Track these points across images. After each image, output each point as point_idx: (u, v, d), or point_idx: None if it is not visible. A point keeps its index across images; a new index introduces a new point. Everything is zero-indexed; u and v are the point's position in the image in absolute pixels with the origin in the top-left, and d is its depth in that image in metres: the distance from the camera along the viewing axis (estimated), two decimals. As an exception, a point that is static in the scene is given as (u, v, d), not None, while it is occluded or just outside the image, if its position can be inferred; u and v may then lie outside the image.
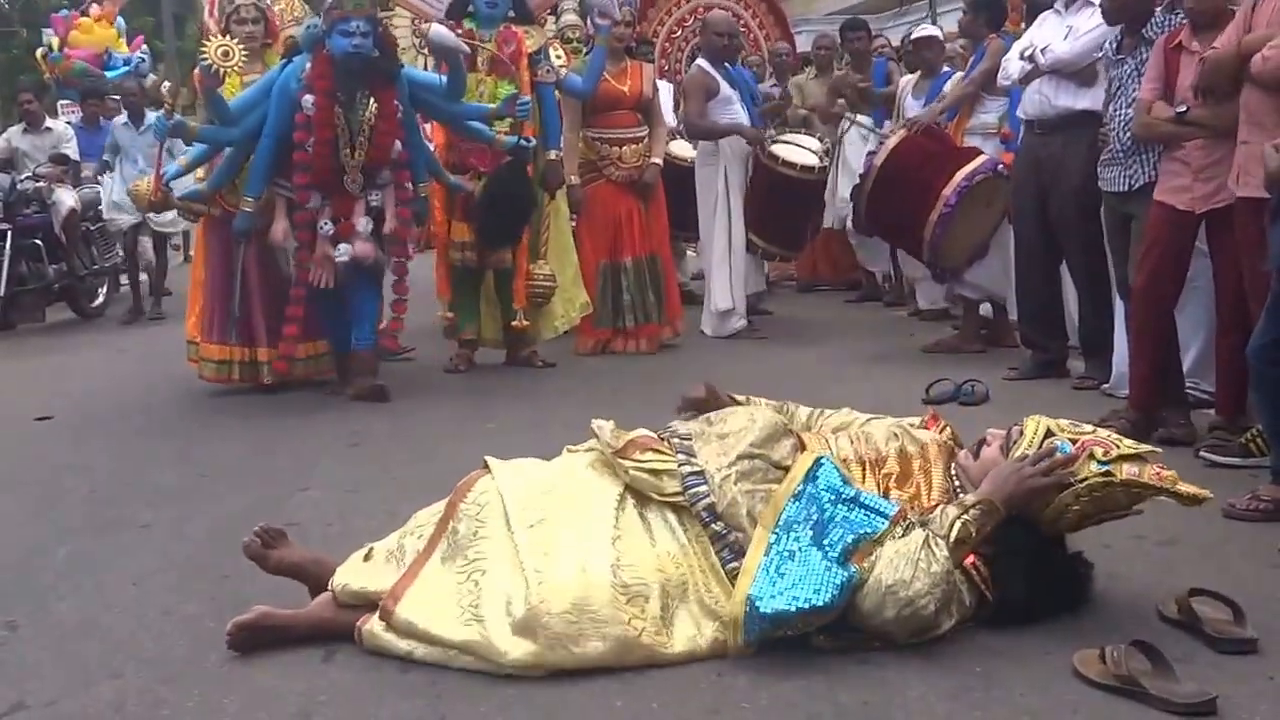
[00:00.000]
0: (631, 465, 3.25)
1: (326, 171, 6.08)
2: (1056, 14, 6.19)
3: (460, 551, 3.12)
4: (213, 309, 6.78)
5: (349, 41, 5.86)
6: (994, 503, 3.07)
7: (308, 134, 6.02)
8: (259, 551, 3.37)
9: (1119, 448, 3.17)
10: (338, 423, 5.95)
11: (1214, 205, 4.84)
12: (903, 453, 3.38)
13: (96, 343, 9.12)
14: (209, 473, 5.11)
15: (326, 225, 6.16)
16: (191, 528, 4.33)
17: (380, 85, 6.07)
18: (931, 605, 2.97)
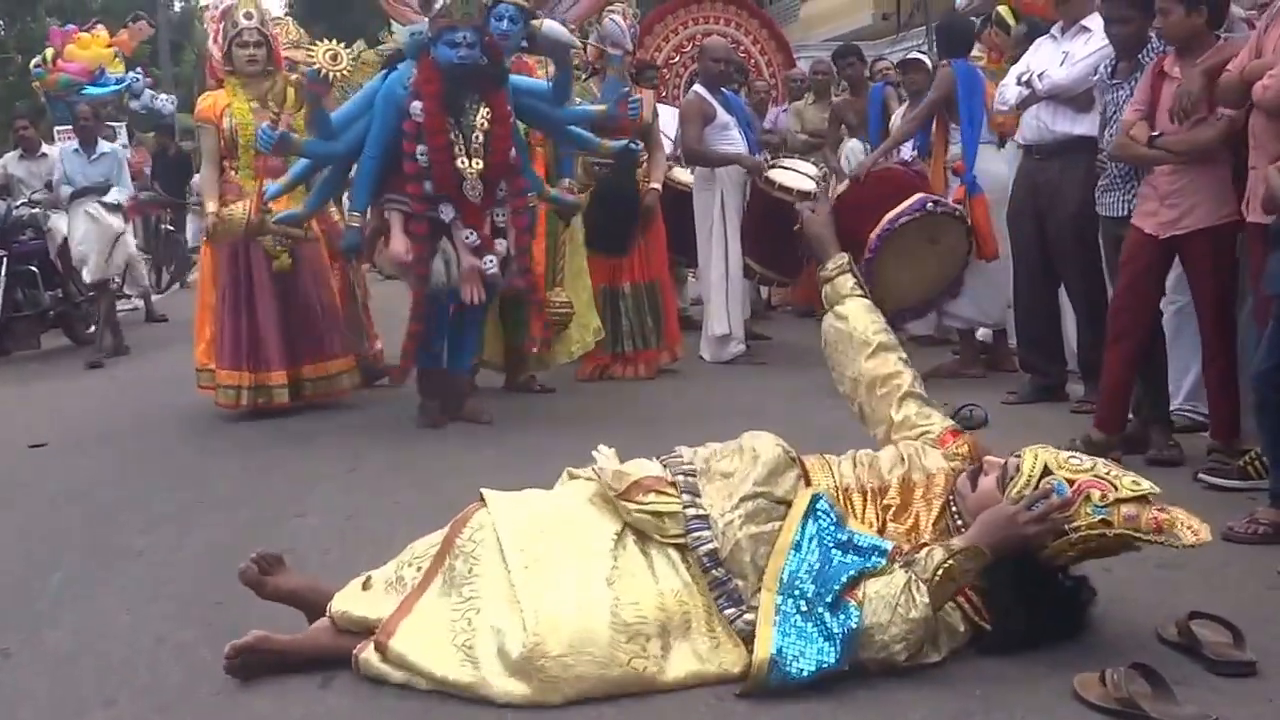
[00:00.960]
0: (635, 508, 3.23)
1: (447, 179, 5.74)
2: (1052, 39, 6.22)
3: (455, 588, 3.11)
4: (223, 332, 6.79)
5: (456, 53, 5.61)
6: (980, 549, 3.04)
7: (417, 142, 5.71)
8: (255, 578, 3.36)
9: (1118, 489, 3.08)
10: (335, 448, 5.96)
11: (1177, 232, 4.91)
12: (906, 482, 3.37)
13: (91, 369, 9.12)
14: (204, 499, 5.11)
15: (471, 235, 5.82)
16: (186, 554, 4.33)
17: (491, 89, 5.80)
18: (905, 651, 2.98)
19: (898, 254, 6.67)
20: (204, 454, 6.05)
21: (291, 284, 6.85)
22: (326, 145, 5.88)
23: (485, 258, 5.86)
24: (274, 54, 6.84)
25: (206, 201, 6.98)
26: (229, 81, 6.81)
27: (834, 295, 3.84)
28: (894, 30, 18.15)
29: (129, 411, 7.28)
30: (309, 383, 6.85)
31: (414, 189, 5.77)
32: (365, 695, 3.02)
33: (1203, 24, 4.84)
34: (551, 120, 6.30)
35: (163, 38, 29.29)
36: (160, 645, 3.43)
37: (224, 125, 6.74)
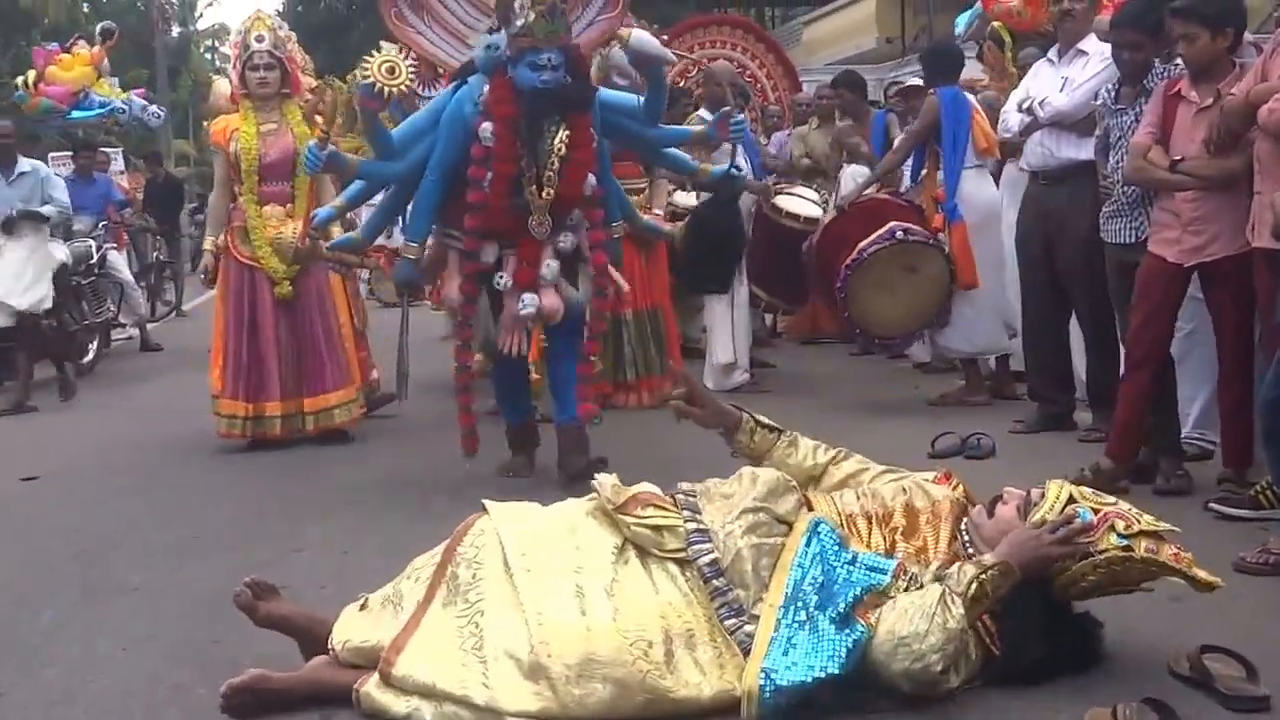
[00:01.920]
0: (633, 521, 3.27)
1: (504, 213, 5.28)
2: (1050, 64, 6.26)
3: (460, 595, 3.13)
4: (227, 363, 6.81)
5: (538, 76, 5.09)
6: (1011, 565, 3.11)
7: (483, 169, 5.23)
8: (249, 602, 3.37)
9: (1140, 523, 3.23)
10: (332, 481, 5.95)
11: (1203, 259, 4.91)
12: (909, 508, 3.41)
13: (85, 400, 9.12)
14: (200, 534, 5.10)
15: (503, 279, 5.34)
16: (181, 591, 4.33)
17: (574, 110, 5.28)
18: (941, 662, 2.99)
19: (875, 284, 6.75)
20: (199, 487, 6.04)
21: (295, 313, 6.86)
22: (384, 166, 5.44)
23: (520, 299, 5.35)
24: (290, 77, 6.84)
25: (209, 233, 7.02)
26: (242, 105, 6.82)
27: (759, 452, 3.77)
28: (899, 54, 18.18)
29: (123, 443, 7.26)
30: (309, 416, 6.85)
31: (474, 222, 5.30)
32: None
33: (1225, 49, 4.87)
34: (642, 141, 5.81)
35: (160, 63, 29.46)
36: (156, 684, 3.43)
37: (230, 149, 6.76)
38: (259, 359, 6.78)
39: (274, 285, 6.78)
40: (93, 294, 10.82)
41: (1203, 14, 4.81)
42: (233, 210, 6.87)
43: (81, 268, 10.59)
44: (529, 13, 5.11)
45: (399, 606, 3.23)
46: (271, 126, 6.77)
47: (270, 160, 6.72)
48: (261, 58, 6.73)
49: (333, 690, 3.15)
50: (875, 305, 6.79)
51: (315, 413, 6.86)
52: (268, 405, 6.77)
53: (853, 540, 3.30)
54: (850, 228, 6.91)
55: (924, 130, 7.16)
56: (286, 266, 6.67)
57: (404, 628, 3.13)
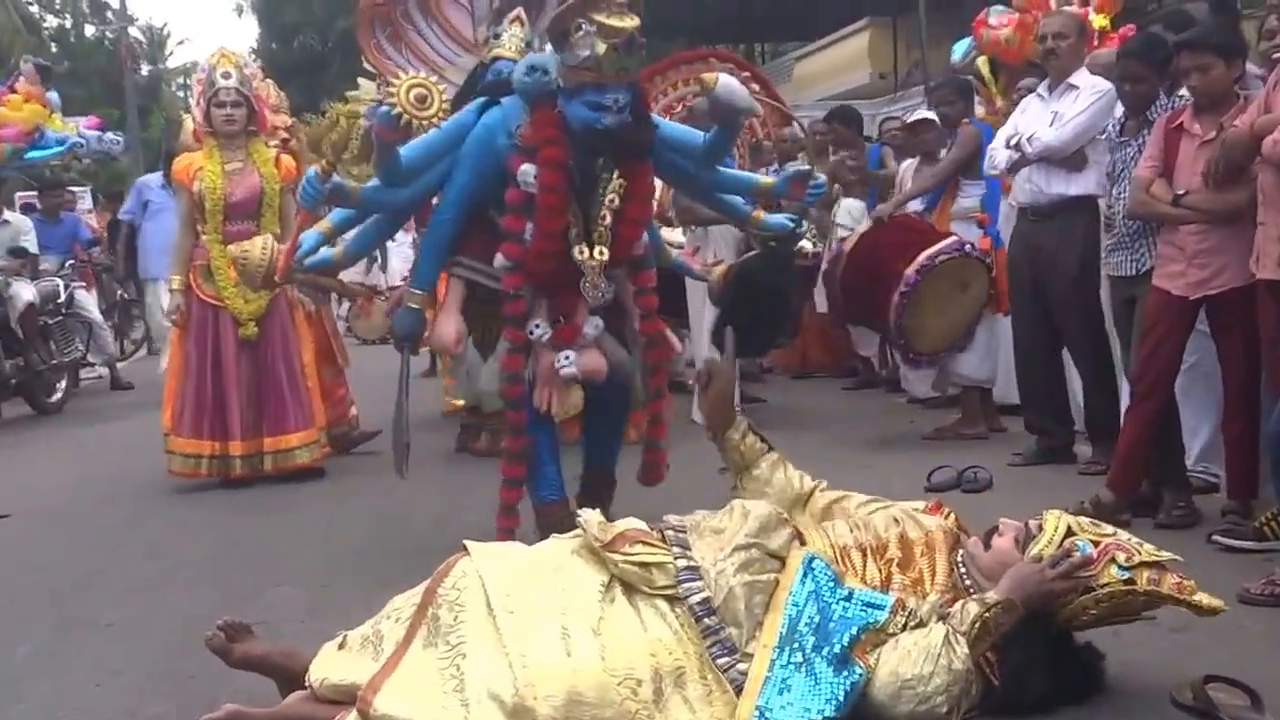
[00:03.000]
0: (621, 558, 3.26)
1: (549, 275, 4.63)
2: (1040, 99, 6.32)
3: (441, 637, 3.13)
4: (185, 399, 6.84)
5: (599, 117, 4.36)
6: (1015, 602, 3.14)
7: (523, 219, 4.56)
8: (222, 645, 3.38)
9: (1140, 553, 3.27)
10: (311, 516, 5.98)
11: (1208, 292, 4.97)
12: (904, 539, 3.43)
13: (55, 438, 9.13)
14: (175, 570, 5.11)
15: (540, 327, 4.67)
16: (156, 626, 4.33)
17: (632, 156, 4.62)
18: (947, 704, 3.02)
19: (934, 296, 6.76)
20: (174, 525, 6.05)
21: (258, 352, 6.88)
22: (386, 193, 4.72)
23: (560, 355, 4.69)
24: (257, 115, 6.88)
25: (174, 272, 7.02)
26: (206, 143, 6.86)
27: (746, 459, 3.83)
28: (891, 90, 18.33)
29: (95, 481, 7.28)
30: (268, 456, 6.86)
31: (514, 279, 4.62)
32: (347, 766, 3.02)
33: (1234, 80, 4.96)
34: (697, 182, 5.14)
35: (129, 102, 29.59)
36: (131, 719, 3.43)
37: (194, 188, 6.79)
38: (222, 398, 6.81)
39: (238, 325, 6.81)
40: (60, 333, 10.88)
41: (1216, 43, 4.92)
42: (196, 249, 6.90)
43: (49, 307, 10.69)
44: (596, 42, 4.33)
45: (379, 648, 3.22)
46: (237, 165, 6.79)
47: (236, 199, 6.74)
48: (228, 94, 6.76)
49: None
50: (924, 318, 6.85)
51: (275, 453, 6.87)
52: (231, 445, 6.80)
53: (848, 574, 3.31)
54: (886, 238, 7.00)
55: (968, 158, 7.24)
56: (253, 290, 6.47)
57: (383, 667, 3.12)
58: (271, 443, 6.84)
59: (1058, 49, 6.08)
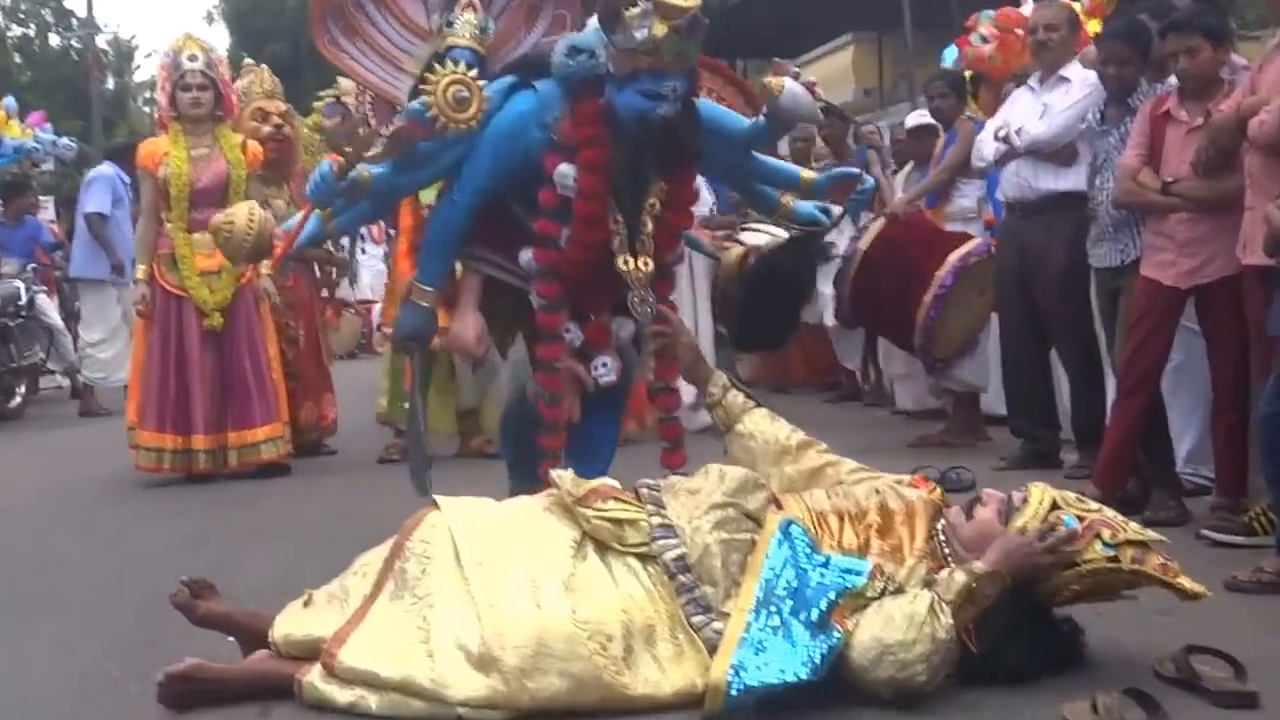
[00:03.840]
0: (593, 514, 3.31)
1: (585, 286, 4.30)
2: (1030, 91, 6.38)
3: (409, 589, 3.17)
4: (149, 392, 6.85)
5: (655, 106, 4.01)
6: (1002, 574, 3.18)
7: (559, 225, 4.20)
8: (186, 601, 3.41)
9: (1126, 531, 3.31)
10: (276, 511, 5.98)
11: (1199, 281, 5.01)
12: (884, 507, 3.47)
13: (13, 442, 9.11)
14: (137, 559, 5.11)
15: (571, 331, 4.32)
16: (118, 606, 4.34)
17: (679, 163, 4.32)
18: (927, 673, 3.04)
19: (960, 297, 6.83)
20: (136, 518, 6.06)
21: (223, 345, 6.90)
22: (398, 178, 4.33)
23: (597, 361, 4.36)
24: (224, 100, 6.92)
25: (139, 261, 7.05)
26: (172, 128, 6.89)
27: (730, 415, 3.86)
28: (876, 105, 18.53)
29: (57, 482, 7.25)
30: (233, 451, 6.88)
31: (549, 289, 4.26)
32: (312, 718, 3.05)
33: (1222, 62, 5.02)
34: (736, 170, 4.85)
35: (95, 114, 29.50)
36: (87, 681, 3.46)
37: (159, 174, 6.81)
38: (185, 391, 6.81)
39: (202, 316, 6.82)
40: (21, 336, 10.89)
41: (1204, 26, 4.97)
42: (160, 238, 6.91)
43: (9, 309, 10.71)
44: (655, 23, 3.98)
45: (344, 603, 3.26)
46: (203, 151, 6.82)
47: (201, 186, 6.76)
48: (194, 77, 6.80)
49: (273, 681, 3.18)
50: (947, 321, 6.90)
51: (240, 448, 6.88)
52: (194, 439, 6.80)
53: (825, 538, 3.35)
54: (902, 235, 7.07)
55: (967, 154, 7.30)
56: (236, 265, 6.39)
57: (348, 621, 3.16)
58: (236, 437, 6.85)
59: (1049, 41, 6.15)
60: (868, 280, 7.16)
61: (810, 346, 10.04)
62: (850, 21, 20.24)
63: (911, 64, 16.76)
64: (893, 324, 7.37)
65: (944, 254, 6.88)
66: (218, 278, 6.82)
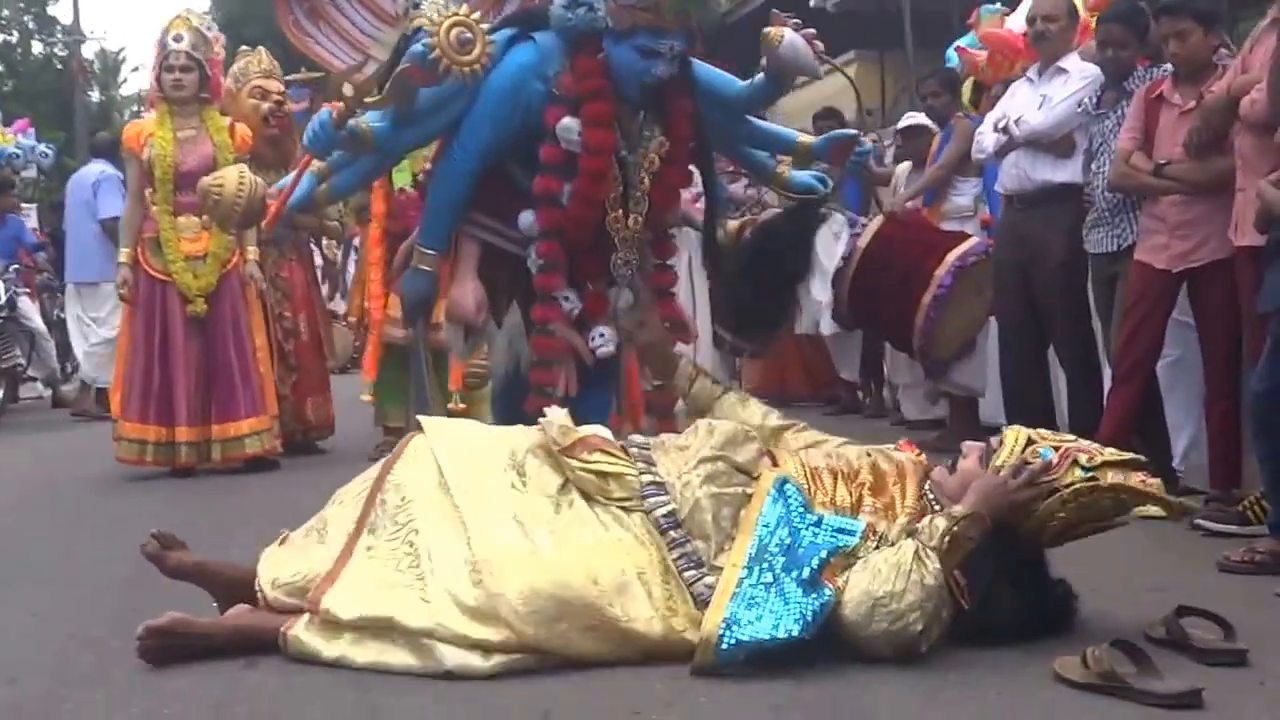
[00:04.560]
0: (578, 465, 3.37)
1: (585, 241, 4.30)
2: (1029, 83, 6.43)
3: (389, 518, 3.24)
4: (132, 382, 6.86)
5: (653, 65, 4.08)
6: (982, 514, 3.24)
7: (560, 181, 4.19)
8: (157, 552, 3.48)
9: (1103, 454, 3.39)
10: (262, 501, 6.00)
11: (1190, 265, 5.09)
12: (875, 467, 3.55)
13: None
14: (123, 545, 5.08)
15: (570, 299, 4.31)
16: (100, 575, 4.40)
17: (678, 116, 4.32)
18: (921, 621, 3.09)
19: (959, 297, 6.86)
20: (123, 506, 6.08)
21: (208, 333, 6.91)
22: (399, 133, 4.29)
23: (594, 332, 4.34)
24: (210, 81, 6.95)
25: (123, 245, 7.07)
26: (158, 109, 6.95)
27: (700, 404, 3.92)
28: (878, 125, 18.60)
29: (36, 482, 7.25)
30: (216, 444, 6.88)
31: (550, 249, 4.24)
32: (294, 672, 3.10)
33: (1215, 46, 5.12)
34: (729, 133, 4.75)
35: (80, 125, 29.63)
36: (69, 639, 3.52)
37: (144, 156, 6.85)
38: (169, 381, 6.81)
39: (186, 303, 6.83)
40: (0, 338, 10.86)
41: (1195, 9, 5.05)
42: (145, 221, 6.94)
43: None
44: None
45: (323, 533, 3.34)
46: (190, 133, 6.86)
47: (187, 168, 6.74)
48: (178, 58, 6.83)
49: (258, 635, 3.22)
50: (946, 321, 6.96)
51: (223, 441, 6.88)
52: (177, 430, 6.80)
53: (818, 494, 3.42)
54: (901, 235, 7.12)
55: (966, 152, 7.36)
56: (226, 231, 6.41)
57: (336, 559, 3.22)
58: (219, 430, 6.86)
59: (1047, 31, 6.19)
60: (866, 279, 7.21)
61: (809, 358, 10.04)
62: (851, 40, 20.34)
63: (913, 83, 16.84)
64: (892, 325, 7.41)
65: (943, 253, 6.93)
66: (202, 263, 6.85)
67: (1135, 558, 4.33)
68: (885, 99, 19.90)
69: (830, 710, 2.84)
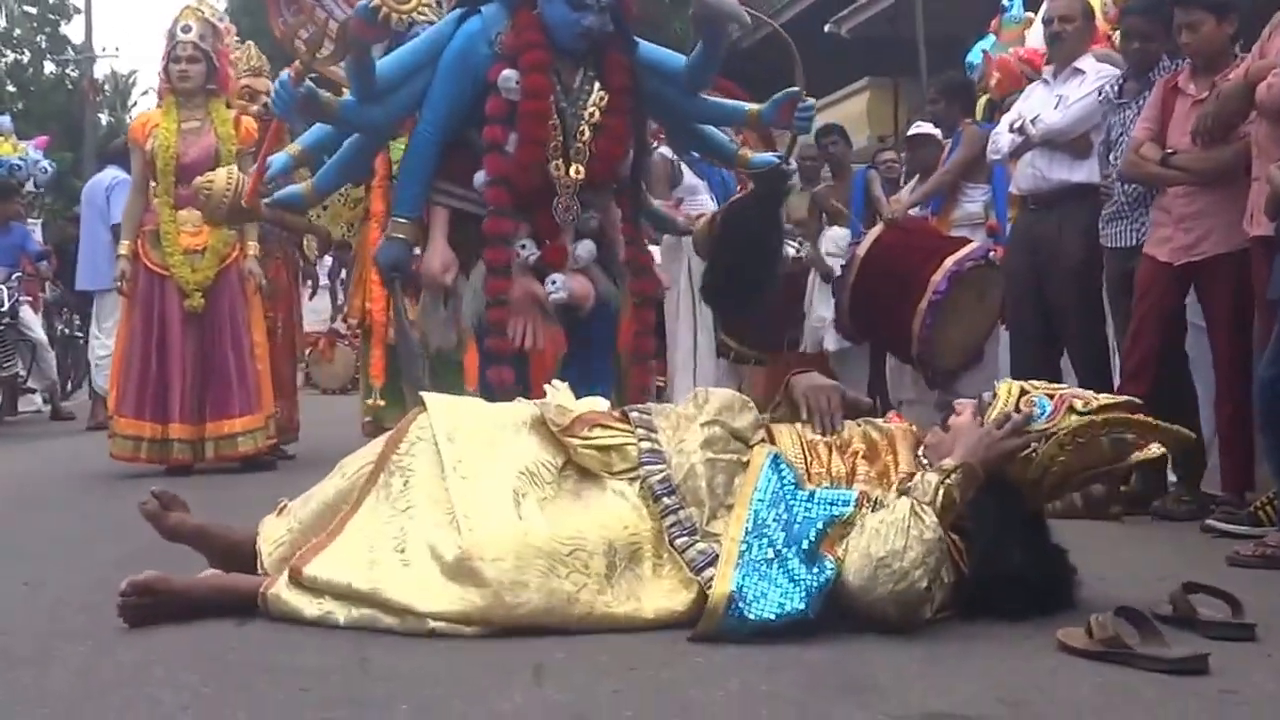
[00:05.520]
0: (579, 443, 3.37)
1: (532, 185, 4.64)
2: (1045, 84, 6.43)
3: (389, 501, 3.24)
4: (129, 377, 6.85)
5: (581, 18, 4.53)
6: (973, 465, 3.23)
7: (506, 130, 4.59)
8: (155, 511, 3.48)
9: (1098, 399, 3.40)
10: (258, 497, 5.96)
11: (1193, 258, 5.07)
12: (867, 436, 3.56)
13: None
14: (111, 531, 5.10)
15: (526, 247, 4.69)
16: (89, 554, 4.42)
17: (613, 65, 4.71)
18: (925, 577, 3.07)
19: (957, 304, 6.83)
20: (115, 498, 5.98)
21: (204, 328, 6.89)
22: (364, 111, 4.72)
23: (549, 279, 4.71)
24: (219, 73, 6.94)
25: (123, 238, 7.08)
26: (165, 100, 6.96)
27: None
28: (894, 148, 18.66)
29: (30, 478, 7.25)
30: (209, 442, 6.86)
31: (498, 195, 4.63)
32: (284, 628, 3.10)
33: (1229, 36, 5.11)
34: (679, 112, 5.12)
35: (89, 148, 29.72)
36: (59, 602, 3.53)
37: (147, 147, 6.87)
38: (164, 377, 6.80)
39: (184, 297, 6.82)
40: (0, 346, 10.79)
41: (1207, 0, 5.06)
42: (146, 214, 6.96)
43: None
44: None
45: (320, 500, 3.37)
46: (194, 124, 6.87)
47: (189, 160, 6.74)
48: (185, 49, 6.83)
49: (241, 594, 3.21)
50: (945, 329, 6.92)
51: (217, 439, 6.85)
52: (171, 427, 6.78)
53: (814, 464, 3.43)
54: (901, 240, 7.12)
55: (973, 159, 7.36)
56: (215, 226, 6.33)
57: (329, 531, 3.23)
58: (213, 427, 6.84)
59: (1063, 32, 6.19)
60: (865, 285, 7.17)
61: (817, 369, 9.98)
62: (866, 66, 20.41)
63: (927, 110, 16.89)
64: (891, 333, 7.37)
65: (941, 259, 6.91)
66: (201, 256, 6.85)
67: (1145, 555, 4.34)
68: (899, 125, 19.94)
69: (829, 672, 2.81)
